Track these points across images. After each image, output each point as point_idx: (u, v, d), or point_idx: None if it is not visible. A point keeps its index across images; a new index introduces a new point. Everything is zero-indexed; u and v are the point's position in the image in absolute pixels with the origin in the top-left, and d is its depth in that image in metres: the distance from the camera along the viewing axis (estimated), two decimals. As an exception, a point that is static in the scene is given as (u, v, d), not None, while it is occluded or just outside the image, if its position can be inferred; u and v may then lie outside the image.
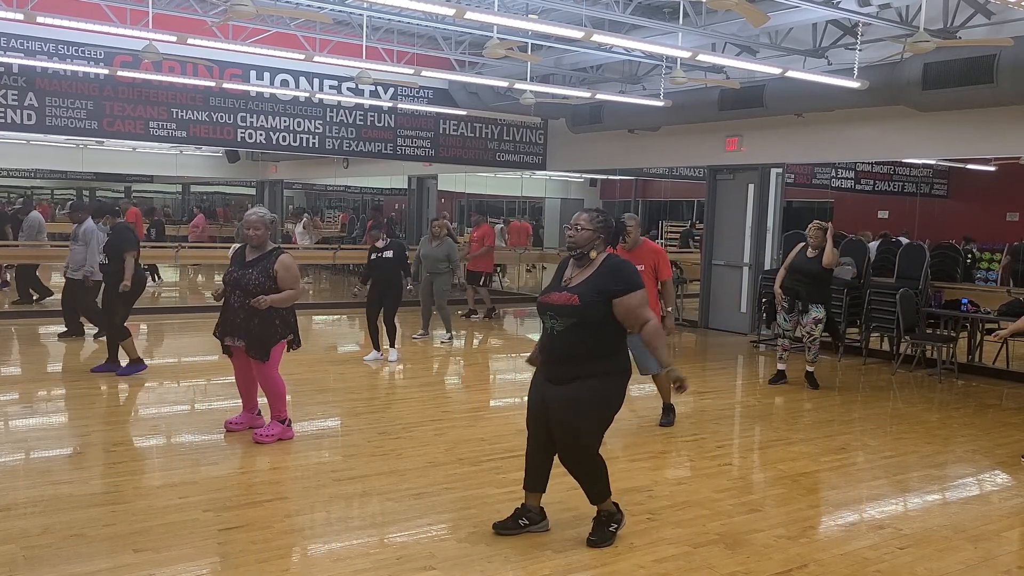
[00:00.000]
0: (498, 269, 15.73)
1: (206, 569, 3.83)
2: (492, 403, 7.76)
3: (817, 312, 8.06)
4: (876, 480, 5.59)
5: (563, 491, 4.95)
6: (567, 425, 4.05)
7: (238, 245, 5.86)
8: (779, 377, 8.43)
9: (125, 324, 7.85)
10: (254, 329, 5.62)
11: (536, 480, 4.33)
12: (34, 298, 12.44)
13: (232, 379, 6.09)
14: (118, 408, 6.87)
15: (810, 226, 8.09)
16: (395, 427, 6.37)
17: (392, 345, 9.16)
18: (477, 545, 4.15)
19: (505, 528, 4.34)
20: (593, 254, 4.14)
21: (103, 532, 4.16)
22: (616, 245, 4.35)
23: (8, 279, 14.03)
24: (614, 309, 4.01)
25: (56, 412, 6.64)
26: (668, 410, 6.68)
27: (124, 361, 7.89)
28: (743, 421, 7.22)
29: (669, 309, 6.27)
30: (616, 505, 4.34)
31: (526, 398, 4.31)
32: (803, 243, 8.19)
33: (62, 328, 9.72)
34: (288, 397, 5.95)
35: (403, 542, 4.21)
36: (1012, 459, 6.11)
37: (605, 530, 4.25)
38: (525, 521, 4.35)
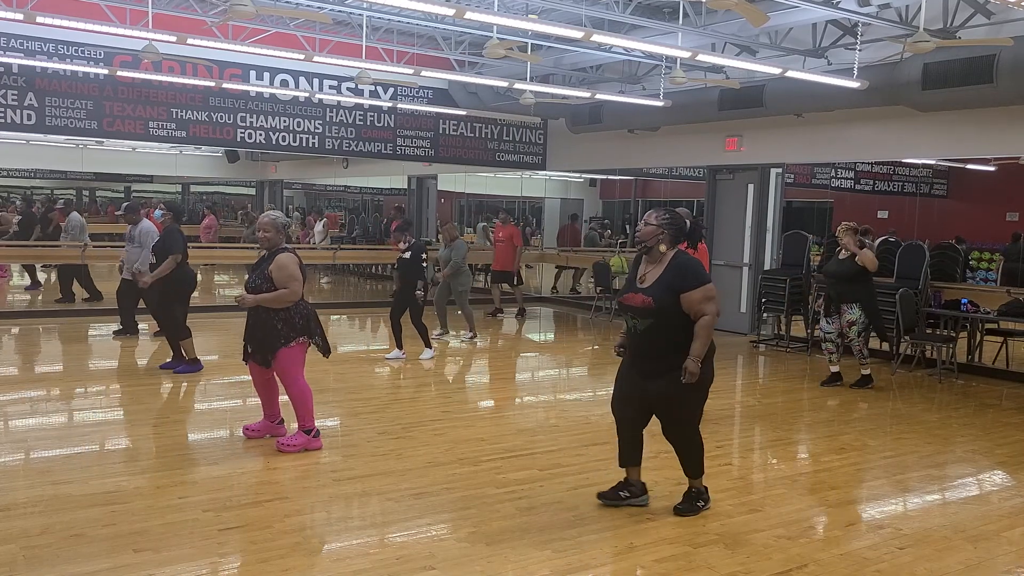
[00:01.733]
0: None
1: (206, 569, 3.82)
2: (492, 403, 7.75)
3: (851, 314, 8.08)
4: (876, 480, 5.60)
5: (563, 491, 4.96)
6: (669, 411, 4.46)
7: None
8: (834, 379, 8.40)
9: (186, 324, 7.96)
10: (257, 332, 5.58)
11: (630, 455, 4.66)
12: (84, 297, 12.45)
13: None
14: (118, 408, 6.86)
15: (838, 228, 8.25)
16: (395, 427, 6.37)
17: (396, 346, 9.17)
18: (477, 545, 4.15)
19: (607, 499, 4.68)
20: (662, 248, 4.42)
21: (103, 532, 4.16)
22: (693, 244, 4.60)
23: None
24: (681, 302, 4.32)
25: (56, 412, 6.63)
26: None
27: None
28: (743, 421, 7.22)
29: None
30: (706, 489, 4.70)
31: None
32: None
33: (116, 326, 9.88)
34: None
35: (403, 542, 4.21)
36: (1012, 459, 6.12)
37: (693, 503, 4.60)
38: (626, 493, 4.68)
